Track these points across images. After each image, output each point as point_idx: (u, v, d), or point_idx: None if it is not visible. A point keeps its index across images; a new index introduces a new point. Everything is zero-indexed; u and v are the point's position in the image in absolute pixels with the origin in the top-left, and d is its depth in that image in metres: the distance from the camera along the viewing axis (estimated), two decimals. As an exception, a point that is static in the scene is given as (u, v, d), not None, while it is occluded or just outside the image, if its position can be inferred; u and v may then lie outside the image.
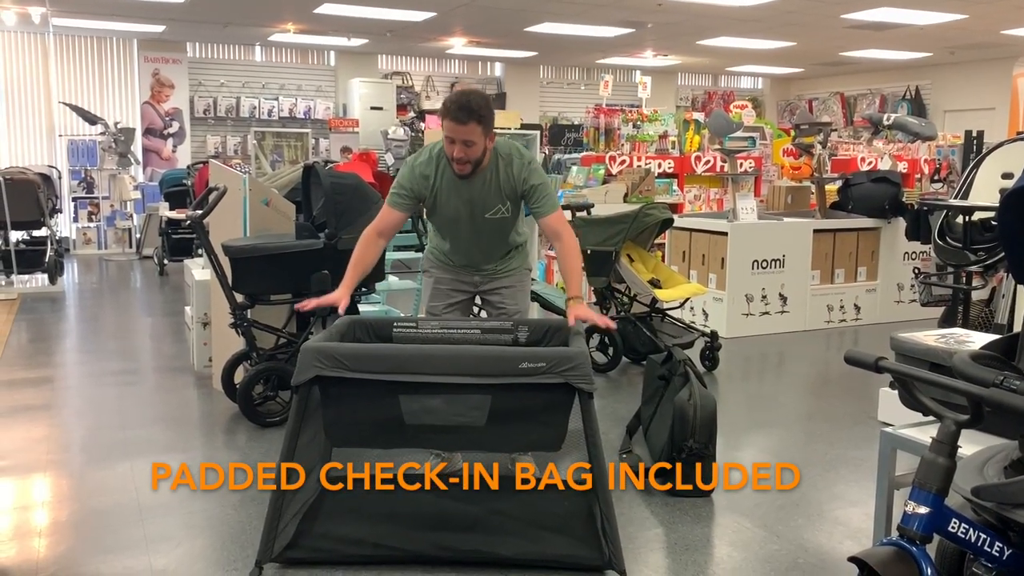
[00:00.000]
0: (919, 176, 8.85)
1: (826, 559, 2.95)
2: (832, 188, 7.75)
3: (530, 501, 3.04)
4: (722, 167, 8.56)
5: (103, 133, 11.24)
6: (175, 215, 9.23)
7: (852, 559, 1.86)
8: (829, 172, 7.79)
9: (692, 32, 11.15)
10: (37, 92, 11.89)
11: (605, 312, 5.51)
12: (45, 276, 8.57)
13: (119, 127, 11.30)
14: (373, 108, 12.87)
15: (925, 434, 2.38)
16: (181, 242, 9.75)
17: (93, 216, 11.80)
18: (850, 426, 4.44)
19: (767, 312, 6.74)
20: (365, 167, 8.20)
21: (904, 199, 7.21)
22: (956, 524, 1.86)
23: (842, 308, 7.12)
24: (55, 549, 2.96)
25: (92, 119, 11.05)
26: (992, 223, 5.07)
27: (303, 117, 13.12)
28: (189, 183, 9.70)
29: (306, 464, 2.93)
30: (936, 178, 9.11)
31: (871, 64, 14.03)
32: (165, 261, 9.81)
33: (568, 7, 9.55)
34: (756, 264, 6.63)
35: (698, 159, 8.60)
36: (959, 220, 5.21)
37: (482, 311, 3.82)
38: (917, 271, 6.98)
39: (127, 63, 12.32)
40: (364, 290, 4.40)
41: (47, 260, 8.49)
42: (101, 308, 7.67)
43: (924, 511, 1.82)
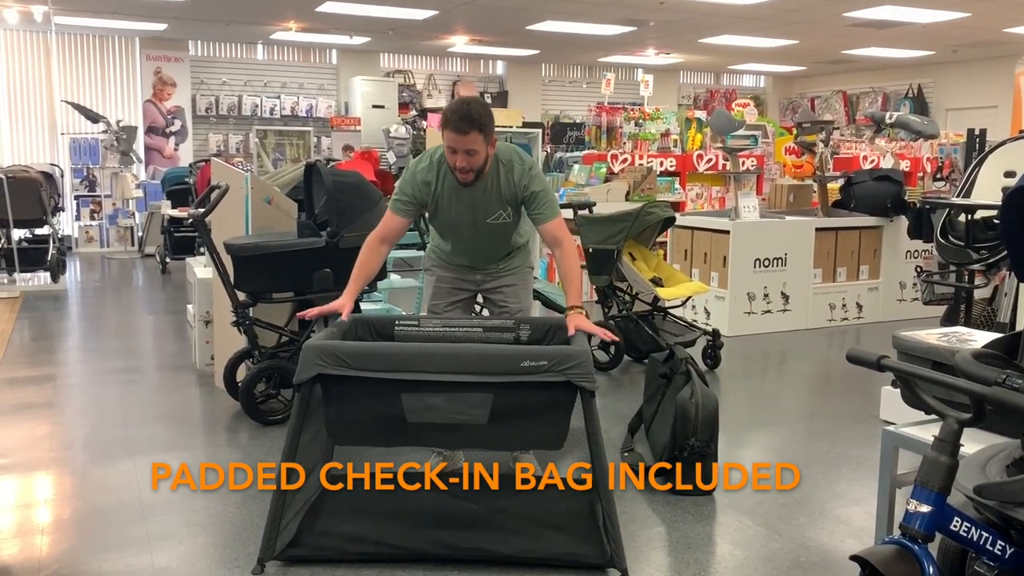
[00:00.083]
0: (921, 174, 8.84)
1: (828, 558, 2.95)
2: (834, 186, 7.75)
3: (532, 499, 3.04)
4: (724, 165, 8.55)
5: (105, 131, 11.26)
6: (177, 213, 9.23)
7: (854, 558, 1.86)
8: (831, 170, 7.79)
9: (694, 30, 11.14)
10: (39, 90, 11.90)
11: (607, 311, 5.52)
12: (47, 274, 8.58)
13: (121, 125, 11.31)
14: (375, 106, 12.87)
15: (927, 433, 2.38)
16: (183, 240, 9.75)
17: (95, 214, 11.81)
18: (852, 424, 4.44)
19: (769, 310, 6.73)
20: (367, 165, 8.18)
21: (906, 197, 7.20)
22: (958, 523, 1.86)
23: (844, 307, 7.12)
24: (57, 547, 2.96)
25: (94, 117, 11.06)
26: (994, 221, 5.06)
27: (305, 115, 13.12)
28: (191, 181, 9.70)
29: (308, 462, 2.93)
30: (938, 176, 9.10)
31: (873, 62, 14.02)
32: (167, 259, 9.82)
33: (570, 5, 9.54)
34: (758, 262, 6.63)
35: (700, 157, 8.60)
36: (961, 218, 5.21)
37: (484, 309, 3.82)
38: (919, 269, 6.98)
39: (129, 61, 12.32)
40: (366, 288, 4.40)
41: (49, 258, 8.50)
42: (103, 306, 7.67)
43: (926, 510, 1.82)
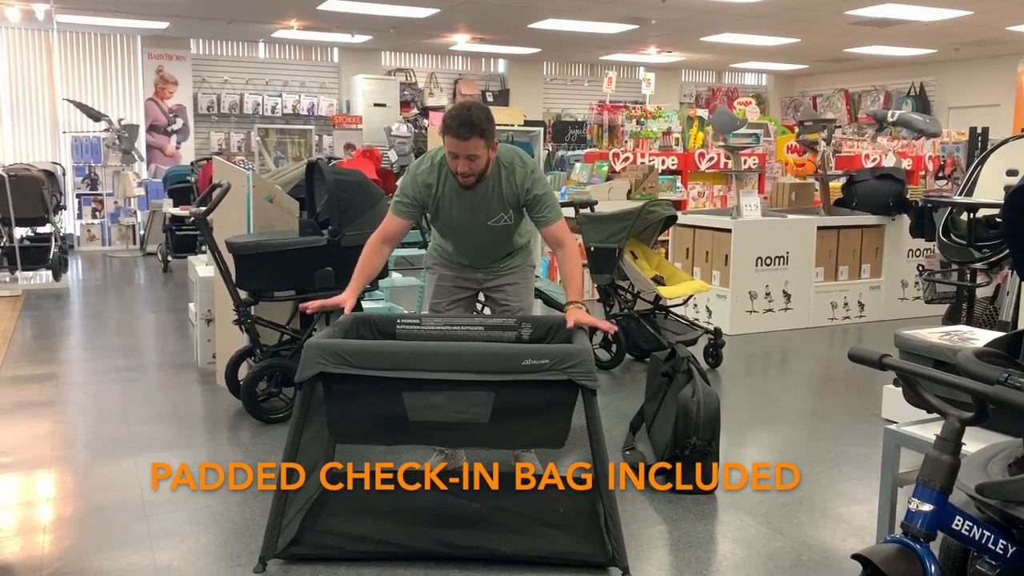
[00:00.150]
0: (923, 173, 8.82)
1: (829, 556, 2.95)
2: (836, 185, 7.73)
3: (533, 498, 3.04)
4: (726, 164, 8.55)
5: (107, 130, 11.26)
6: (179, 212, 9.22)
7: (855, 556, 1.86)
8: (833, 169, 7.78)
9: (696, 28, 11.13)
10: (41, 89, 11.91)
11: (608, 309, 5.52)
12: (49, 273, 8.59)
13: (123, 124, 11.31)
14: (376, 105, 12.87)
15: (929, 431, 2.38)
16: (185, 238, 9.76)
17: (97, 213, 11.82)
18: (854, 423, 4.44)
19: (771, 309, 6.73)
20: (368, 164, 8.18)
21: (908, 196, 7.19)
22: (960, 522, 1.85)
23: (846, 305, 7.11)
24: (59, 545, 2.96)
25: (96, 116, 11.06)
26: (996, 220, 5.05)
27: (306, 114, 13.12)
28: (193, 180, 9.70)
29: (310, 461, 2.93)
30: (940, 175, 9.09)
31: (875, 61, 14.00)
32: (169, 258, 9.82)
33: (572, 3, 9.53)
34: (760, 261, 6.62)
35: (702, 156, 8.59)
36: (963, 217, 5.20)
37: (485, 308, 3.82)
38: (921, 268, 6.97)
39: (131, 60, 12.32)
40: (368, 287, 4.40)
41: (51, 257, 8.51)
42: (105, 305, 7.68)
43: (928, 508, 1.82)
